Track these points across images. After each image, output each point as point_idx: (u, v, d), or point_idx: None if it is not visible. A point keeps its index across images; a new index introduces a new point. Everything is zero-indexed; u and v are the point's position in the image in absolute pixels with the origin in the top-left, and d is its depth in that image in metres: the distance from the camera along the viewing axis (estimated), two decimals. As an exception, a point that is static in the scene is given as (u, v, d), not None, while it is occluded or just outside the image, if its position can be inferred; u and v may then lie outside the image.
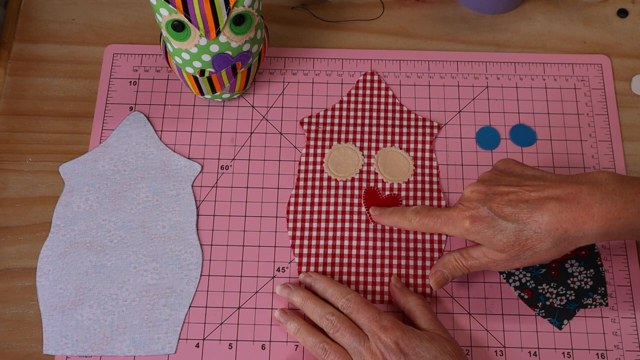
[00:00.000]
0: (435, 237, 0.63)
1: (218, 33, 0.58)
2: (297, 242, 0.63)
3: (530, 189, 0.53)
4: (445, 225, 0.56)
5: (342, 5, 0.75)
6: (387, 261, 0.62)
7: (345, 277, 0.62)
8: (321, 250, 0.63)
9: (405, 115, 0.68)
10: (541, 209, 0.52)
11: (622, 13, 0.74)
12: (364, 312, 0.56)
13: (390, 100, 0.69)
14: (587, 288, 0.61)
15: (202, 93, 0.66)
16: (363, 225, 0.64)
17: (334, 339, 0.56)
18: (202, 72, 0.62)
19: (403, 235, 0.63)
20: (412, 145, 0.67)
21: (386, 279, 0.62)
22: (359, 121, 0.68)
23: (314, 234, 0.64)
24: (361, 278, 0.62)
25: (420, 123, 0.68)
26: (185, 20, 0.57)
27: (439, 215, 0.56)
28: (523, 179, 0.55)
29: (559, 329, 0.60)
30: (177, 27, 0.58)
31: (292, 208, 0.65)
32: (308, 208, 0.65)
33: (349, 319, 0.56)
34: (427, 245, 0.63)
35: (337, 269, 0.62)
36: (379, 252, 0.63)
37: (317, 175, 0.66)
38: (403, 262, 0.62)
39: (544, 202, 0.52)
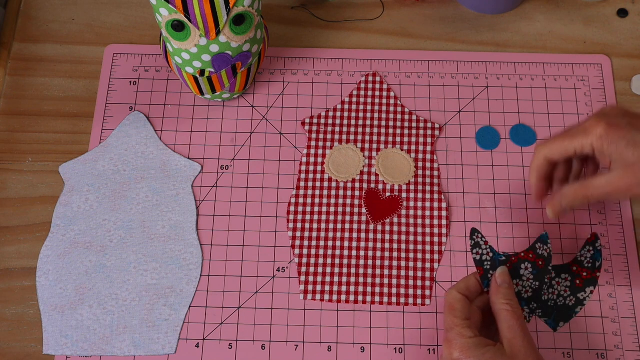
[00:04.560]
0: (436, 239, 0.63)
1: (218, 33, 0.58)
2: (297, 242, 0.63)
3: None
4: (576, 138, 0.53)
5: (342, 5, 0.75)
6: (387, 262, 0.62)
7: (345, 278, 0.62)
8: (321, 251, 0.63)
9: (406, 117, 0.68)
10: None
11: (622, 13, 0.74)
12: (444, 316, 0.54)
13: (392, 101, 0.69)
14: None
15: (202, 93, 0.66)
16: (363, 226, 0.64)
17: None
18: (202, 72, 0.62)
19: (403, 237, 0.63)
20: (413, 147, 0.67)
21: (386, 280, 0.62)
22: (360, 122, 0.68)
23: (314, 234, 0.64)
24: (361, 279, 0.62)
25: (422, 125, 0.68)
26: (185, 20, 0.57)
27: (569, 131, 0.54)
28: None
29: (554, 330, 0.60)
30: (177, 27, 0.58)
31: (292, 208, 0.65)
32: (309, 209, 0.65)
33: None
34: (427, 247, 0.63)
35: (337, 269, 0.62)
36: (379, 253, 0.63)
37: (318, 175, 0.66)
38: (403, 263, 0.62)
39: None
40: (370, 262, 0.62)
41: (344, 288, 0.62)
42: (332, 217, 0.64)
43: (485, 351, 0.50)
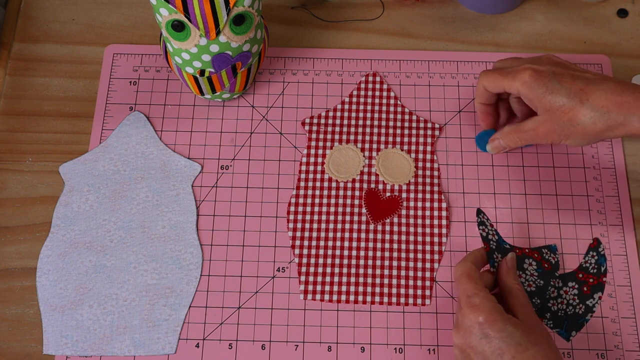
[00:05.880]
0: (436, 239, 0.63)
1: (218, 33, 0.58)
2: (297, 242, 0.63)
3: (592, 74, 0.57)
4: (507, 78, 0.58)
5: (342, 5, 0.75)
6: (387, 262, 0.62)
7: (345, 278, 0.62)
8: (321, 251, 0.63)
9: (407, 117, 0.68)
10: (596, 84, 0.55)
11: (622, 13, 0.74)
12: (461, 284, 0.54)
13: (392, 101, 0.69)
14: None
15: (202, 93, 0.66)
16: (363, 227, 0.64)
17: None
18: (202, 72, 0.62)
19: (403, 237, 0.63)
20: (413, 147, 0.67)
21: (386, 280, 0.62)
22: (360, 122, 0.68)
23: (314, 234, 0.64)
24: (361, 279, 0.62)
25: (422, 125, 0.68)
26: (185, 20, 0.57)
27: (503, 70, 0.60)
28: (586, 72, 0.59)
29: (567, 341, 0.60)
30: (177, 27, 0.58)
31: (292, 208, 0.65)
32: (309, 209, 0.65)
33: None
34: (428, 247, 0.63)
35: (337, 269, 0.62)
36: (379, 253, 0.63)
37: (318, 175, 0.66)
38: (403, 263, 0.62)
39: (601, 81, 0.56)
40: (370, 262, 0.62)
41: (344, 288, 0.62)
42: (332, 217, 0.64)
43: (509, 317, 0.51)
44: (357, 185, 0.65)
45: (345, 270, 0.62)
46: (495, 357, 0.50)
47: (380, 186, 0.65)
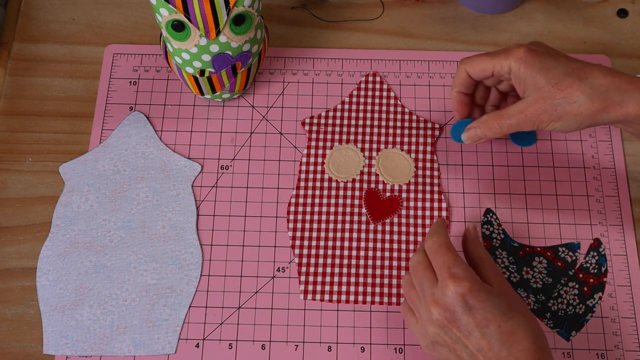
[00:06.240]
0: (436, 238, 0.63)
1: (218, 33, 0.58)
2: (297, 242, 0.63)
3: (589, 62, 0.56)
4: (497, 58, 0.57)
5: (342, 5, 0.75)
6: (387, 262, 0.62)
7: (345, 278, 0.62)
8: (321, 251, 0.63)
9: (407, 117, 0.68)
10: (593, 66, 0.55)
11: (622, 13, 0.74)
12: (440, 256, 0.52)
13: (392, 101, 0.69)
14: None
15: (202, 93, 0.66)
16: (363, 227, 0.64)
17: (413, 279, 0.54)
18: (202, 72, 0.62)
19: (403, 237, 0.63)
20: (413, 147, 0.67)
21: (386, 280, 0.62)
22: (360, 122, 0.68)
23: (314, 234, 0.64)
24: (361, 279, 0.62)
25: (422, 125, 0.68)
26: (185, 20, 0.57)
27: (493, 52, 0.58)
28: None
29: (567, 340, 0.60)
30: (177, 27, 0.58)
31: (292, 208, 0.65)
32: (309, 209, 0.65)
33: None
34: (428, 246, 0.63)
35: (337, 269, 0.62)
36: (379, 253, 0.63)
37: (318, 175, 0.66)
38: (403, 263, 0.62)
39: (596, 65, 0.55)
40: (370, 262, 0.62)
41: (344, 288, 0.62)
42: (332, 217, 0.64)
43: (490, 287, 0.50)
44: (357, 185, 0.65)
45: (345, 270, 0.62)
46: (481, 329, 0.48)
47: (380, 186, 0.65)
